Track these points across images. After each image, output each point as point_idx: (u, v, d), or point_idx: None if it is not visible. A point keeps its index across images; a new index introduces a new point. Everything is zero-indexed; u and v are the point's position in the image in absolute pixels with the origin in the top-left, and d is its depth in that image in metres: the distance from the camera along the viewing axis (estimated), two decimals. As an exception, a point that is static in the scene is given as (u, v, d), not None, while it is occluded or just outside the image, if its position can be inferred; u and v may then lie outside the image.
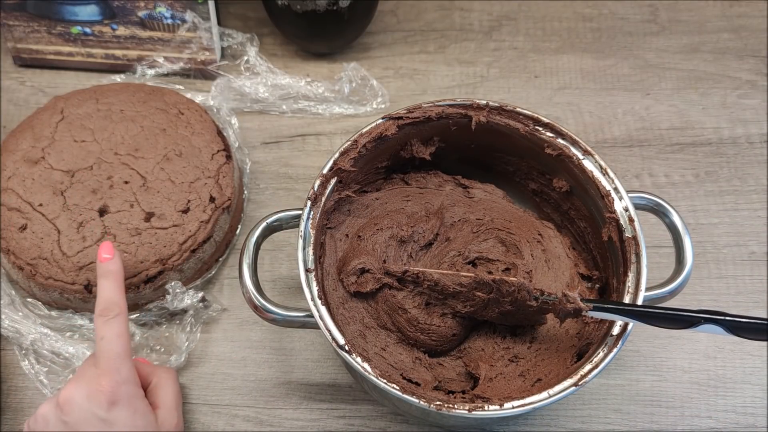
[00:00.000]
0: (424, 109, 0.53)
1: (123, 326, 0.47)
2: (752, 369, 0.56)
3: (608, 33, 0.74)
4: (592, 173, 0.51)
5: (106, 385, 0.45)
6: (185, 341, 0.55)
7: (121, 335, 0.47)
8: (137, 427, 0.45)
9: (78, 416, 0.45)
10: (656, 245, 0.59)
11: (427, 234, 0.54)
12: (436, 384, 0.50)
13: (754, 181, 0.65)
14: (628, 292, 0.47)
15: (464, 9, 0.76)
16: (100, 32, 0.68)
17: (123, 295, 0.49)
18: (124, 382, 0.45)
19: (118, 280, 0.49)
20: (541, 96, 0.70)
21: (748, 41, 0.73)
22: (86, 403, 0.45)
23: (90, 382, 0.45)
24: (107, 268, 0.49)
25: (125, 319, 0.48)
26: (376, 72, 0.71)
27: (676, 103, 0.69)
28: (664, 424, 0.54)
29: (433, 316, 0.50)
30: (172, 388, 0.51)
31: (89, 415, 0.45)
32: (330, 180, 0.51)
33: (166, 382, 0.51)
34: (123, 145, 0.58)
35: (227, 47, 0.71)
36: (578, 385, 0.43)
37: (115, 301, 0.48)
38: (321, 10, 0.65)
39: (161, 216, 0.56)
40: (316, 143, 0.67)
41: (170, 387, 0.50)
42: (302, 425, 0.54)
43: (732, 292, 0.59)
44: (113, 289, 0.48)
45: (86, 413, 0.45)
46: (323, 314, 0.46)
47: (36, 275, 0.54)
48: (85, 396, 0.45)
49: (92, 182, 0.57)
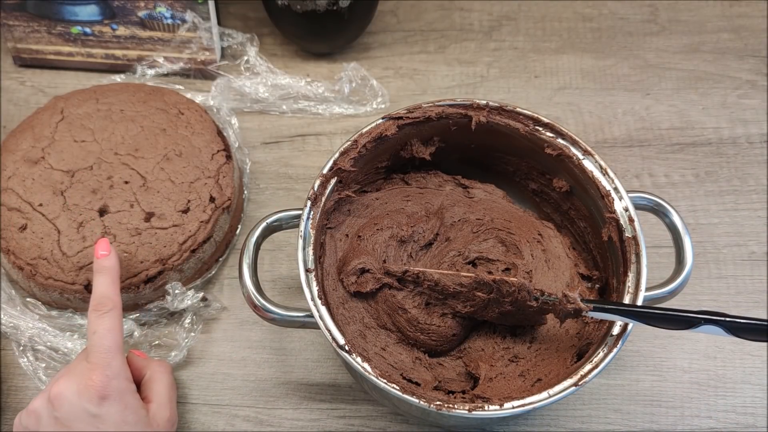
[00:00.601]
0: (424, 109, 0.53)
1: (116, 321, 0.47)
2: (752, 369, 0.56)
3: (608, 33, 0.74)
4: (592, 173, 0.51)
5: (96, 380, 0.45)
6: (185, 338, 0.55)
7: (112, 329, 0.46)
8: (127, 422, 0.45)
9: (68, 411, 0.45)
10: (656, 245, 0.59)
11: (427, 234, 0.54)
12: (436, 384, 0.50)
13: (754, 181, 0.65)
14: (628, 292, 0.47)
15: (464, 9, 0.76)
16: (100, 32, 0.68)
17: (117, 291, 0.49)
18: (114, 377, 0.45)
19: (113, 276, 0.49)
20: (541, 96, 0.70)
21: (748, 41, 0.73)
22: (76, 398, 0.45)
23: (81, 377, 0.45)
24: (103, 264, 0.49)
25: (119, 314, 0.48)
26: (376, 72, 0.71)
27: (676, 103, 0.69)
28: (664, 424, 0.54)
29: (433, 316, 0.50)
30: (165, 381, 0.50)
31: (80, 411, 0.44)
32: (330, 180, 0.51)
33: (159, 375, 0.50)
34: (123, 145, 0.58)
35: (227, 47, 0.71)
36: (578, 385, 0.43)
37: (109, 296, 0.48)
38: (321, 10, 0.65)
39: (161, 216, 0.56)
40: (316, 143, 0.67)
41: (164, 381, 0.50)
42: (302, 425, 0.54)
43: (732, 292, 0.59)
44: (108, 285, 0.48)
45: (77, 408, 0.45)
46: (323, 314, 0.46)
47: (36, 275, 0.54)
48: (76, 391, 0.45)
49: (92, 182, 0.57)
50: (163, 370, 0.51)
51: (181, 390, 0.55)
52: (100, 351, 0.46)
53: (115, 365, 0.46)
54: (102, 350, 0.46)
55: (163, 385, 0.50)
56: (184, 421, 0.54)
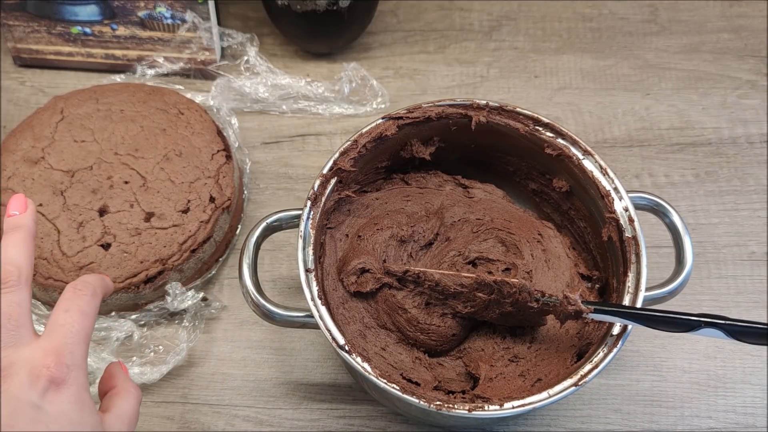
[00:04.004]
0: (424, 109, 0.53)
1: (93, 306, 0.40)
2: (752, 369, 0.56)
3: (608, 33, 0.74)
4: (592, 173, 0.51)
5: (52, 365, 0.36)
6: (185, 339, 0.55)
7: (86, 314, 0.39)
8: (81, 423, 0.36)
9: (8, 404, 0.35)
10: (656, 245, 0.59)
11: (427, 234, 0.54)
12: (436, 384, 0.50)
13: (754, 181, 0.65)
14: (628, 292, 0.47)
15: (464, 9, 0.76)
16: (100, 32, 0.68)
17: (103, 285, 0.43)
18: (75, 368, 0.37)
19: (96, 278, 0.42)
20: (541, 96, 0.70)
21: (748, 41, 0.73)
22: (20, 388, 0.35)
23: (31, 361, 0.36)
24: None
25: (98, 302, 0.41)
26: (376, 72, 0.71)
27: (676, 103, 0.69)
28: (664, 424, 0.54)
29: (433, 316, 0.50)
30: (132, 402, 0.42)
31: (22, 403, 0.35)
32: (330, 180, 0.51)
33: (129, 395, 0.42)
34: (123, 145, 0.59)
35: (227, 47, 0.71)
36: (578, 385, 0.43)
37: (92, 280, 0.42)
38: (321, 10, 0.65)
39: (161, 216, 0.56)
40: (316, 143, 0.67)
41: (131, 401, 0.42)
42: (302, 425, 0.54)
43: (732, 292, 0.59)
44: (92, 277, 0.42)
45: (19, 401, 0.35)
46: (323, 314, 0.46)
47: (36, 275, 0.54)
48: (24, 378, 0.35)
49: (92, 182, 0.57)
50: (135, 393, 0.42)
51: (181, 390, 0.55)
52: (65, 333, 0.38)
53: (78, 354, 0.37)
54: (67, 331, 0.38)
55: (128, 404, 0.41)
56: (184, 421, 0.54)
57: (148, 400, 0.55)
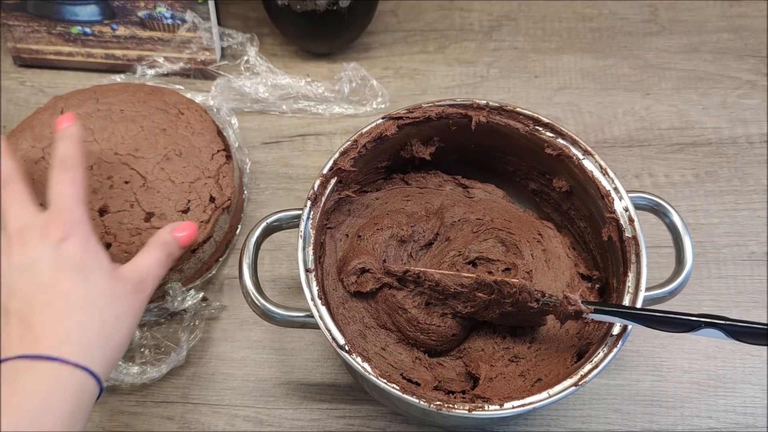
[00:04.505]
0: (424, 109, 0.53)
1: (79, 175, 0.45)
2: (752, 369, 0.56)
3: (608, 33, 0.74)
4: (592, 173, 0.51)
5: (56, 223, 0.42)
6: (185, 339, 0.55)
7: (76, 181, 0.44)
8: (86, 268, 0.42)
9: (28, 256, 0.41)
10: (656, 245, 0.59)
11: (427, 234, 0.54)
12: (436, 384, 0.50)
13: (754, 181, 0.65)
14: (628, 292, 0.47)
15: (464, 9, 0.76)
16: (100, 32, 0.68)
17: (82, 154, 0.46)
18: (77, 222, 0.42)
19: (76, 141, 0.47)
20: (541, 96, 0.70)
21: (748, 41, 0.73)
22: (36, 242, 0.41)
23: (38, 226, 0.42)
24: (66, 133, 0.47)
25: (84, 172, 0.45)
26: (376, 72, 0.71)
27: (676, 103, 0.69)
28: (664, 424, 0.54)
29: (433, 316, 0.50)
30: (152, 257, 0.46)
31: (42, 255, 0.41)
32: (330, 180, 0.51)
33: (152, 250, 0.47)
34: (123, 145, 0.58)
35: (227, 47, 0.71)
36: (578, 385, 0.43)
37: (73, 156, 0.45)
38: (321, 10, 0.65)
39: (161, 216, 0.56)
40: (316, 143, 0.67)
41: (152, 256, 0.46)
42: (302, 425, 0.54)
43: (732, 292, 0.59)
44: (71, 147, 0.46)
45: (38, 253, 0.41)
46: (323, 314, 0.46)
47: (36, 275, 0.54)
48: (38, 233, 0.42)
49: (92, 182, 0.57)
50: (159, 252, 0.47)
51: (181, 390, 0.55)
52: (64, 199, 0.43)
53: (78, 212, 0.43)
54: (66, 198, 0.43)
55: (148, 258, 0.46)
56: (184, 421, 0.54)
57: (148, 400, 0.55)
